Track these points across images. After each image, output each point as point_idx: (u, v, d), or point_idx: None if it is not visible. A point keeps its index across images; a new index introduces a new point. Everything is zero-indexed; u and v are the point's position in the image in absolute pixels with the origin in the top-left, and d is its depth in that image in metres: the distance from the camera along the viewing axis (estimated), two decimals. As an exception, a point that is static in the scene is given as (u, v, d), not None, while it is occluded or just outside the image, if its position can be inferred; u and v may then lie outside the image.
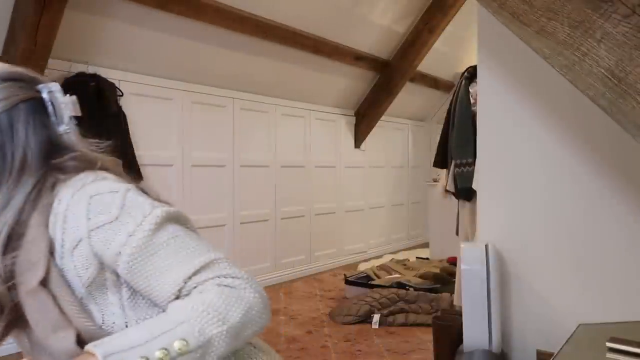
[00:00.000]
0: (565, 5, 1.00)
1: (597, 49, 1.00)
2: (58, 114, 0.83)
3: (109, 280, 0.75)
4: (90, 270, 0.74)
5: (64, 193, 0.76)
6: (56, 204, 0.75)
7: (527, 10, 1.07)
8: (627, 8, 0.93)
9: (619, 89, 1.00)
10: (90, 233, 0.72)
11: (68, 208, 0.74)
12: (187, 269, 0.71)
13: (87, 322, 0.73)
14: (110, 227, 0.72)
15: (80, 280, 0.74)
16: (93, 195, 0.75)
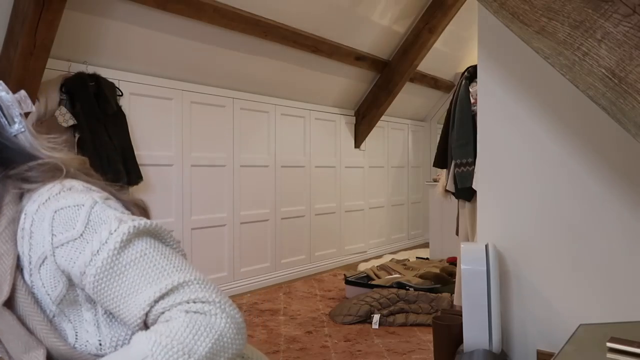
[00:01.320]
0: (566, 5, 1.00)
1: (598, 49, 0.99)
2: (6, 113, 0.77)
3: (81, 297, 0.72)
4: (59, 288, 0.70)
5: (30, 207, 0.72)
6: (22, 218, 0.72)
7: (527, 10, 1.07)
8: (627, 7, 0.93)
9: (620, 89, 1.00)
10: (55, 250, 0.69)
11: (33, 223, 0.71)
12: (153, 292, 0.66)
13: (58, 341, 0.70)
14: (74, 245, 0.68)
15: (49, 298, 0.71)
16: (57, 209, 0.70)
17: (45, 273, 0.70)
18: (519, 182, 1.93)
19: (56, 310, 0.72)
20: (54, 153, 0.81)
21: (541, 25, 1.05)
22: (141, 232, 0.70)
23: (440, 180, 3.47)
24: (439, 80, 6.19)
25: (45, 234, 0.69)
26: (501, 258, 1.92)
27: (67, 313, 0.72)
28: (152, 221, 0.73)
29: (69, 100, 2.92)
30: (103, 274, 0.67)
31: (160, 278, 0.67)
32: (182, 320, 0.64)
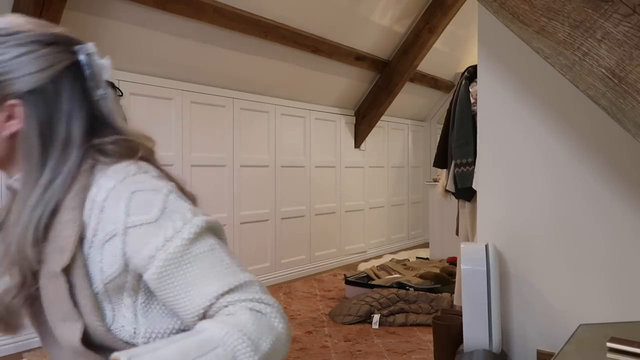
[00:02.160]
0: (566, 5, 1.00)
1: (598, 49, 0.99)
2: (96, 77, 0.77)
3: (129, 283, 0.72)
4: (114, 268, 0.70)
5: (105, 182, 0.72)
6: (95, 189, 0.72)
7: (527, 10, 1.07)
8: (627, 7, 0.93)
9: (620, 89, 1.00)
10: (127, 230, 0.69)
11: (107, 199, 0.71)
12: (221, 286, 0.67)
13: (97, 320, 0.70)
14: (147, 228, 0.69)
15: (101, 275, 0.71)
16: (135, 191, 0.71)
17: (108, 250, 0.70)
18: (519, 182, 1.93)
19: (102, 289, 0.71)
20: (126, 127, 0.82)
21: (541, 25, 1.06)
22: (210, 227, 0.72)
23: (440, 180, 3.47)
24: (439, 80, 6.19)
25: (119, 212, 0.70)
26: (501, 258, 1.92)
27: (110, 294, 0.72)
28: (217, 220, 0.76)
29: (69, 100, 2.92)
30: (172, 261, 0.68)
31: (227, 274, 0.69)
32: (249, 316, 0.65)
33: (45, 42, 0.73)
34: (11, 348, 2.80)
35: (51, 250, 0.70)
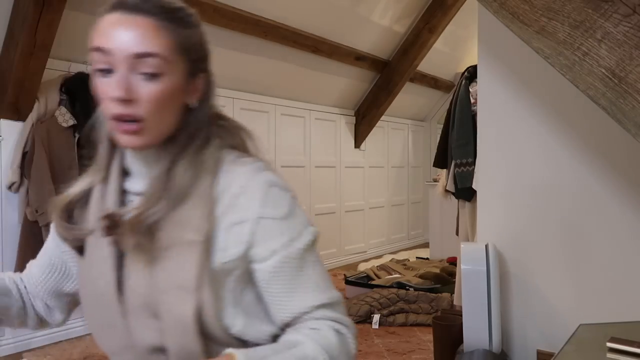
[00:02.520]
0: (566, 5, 1.00)
1: (598, 49, 0.99)
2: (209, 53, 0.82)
3: (236, 272, 0.74)
4: (235, 251, 0.73)
5: (240, 169, 0.77)
6: (230, 175, 0.76)
7: (527, 10, 1.07)
8: (627, 7, 0.93)
9: (619, 89, 1.00)
10: (259, 220, 0.73)
11: (245, 186, 0.75)
12: (319, 299, 0.73)
13: (209, 299, 0.71)
14: (277, 224, 0.73)
15: (221, 255, 0.73)
16: (272, 185, 0.76)
17: (236, 233, 0.73)
18: (519, 182, 1.93)
19: (217, 269, 0.73)
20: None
21: (541, 25, 1.06)
22: (317, 240, 0.79)
23: (440, 180, 3.47)
24: (439, 80, 6.19)
25: (254, 201, 0.74)
26: (501, 258, 1.92)
27: (218, 277, 0.73)
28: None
29: (69, 100, 2.92)
30: (290, 262, 0.73)
31: (325, 288, 0.75)
32: (334, 337, 0.72)
33: (199, 24, 0.81)
34: (11, 348, 2.80)
35: (188, 218, 0.73)
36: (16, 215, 2.81)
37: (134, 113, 0.71)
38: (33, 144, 2.74)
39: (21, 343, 2.85)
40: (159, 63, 0.72)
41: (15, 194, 2.81)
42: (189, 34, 0.76)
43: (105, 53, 0.71)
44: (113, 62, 0.71)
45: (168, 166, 0.75)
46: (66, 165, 2.86)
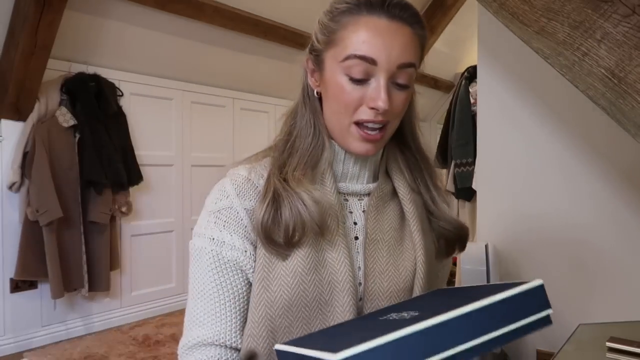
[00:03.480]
0: (565, 5, 1.00)
1: (597, 49, 1.00)
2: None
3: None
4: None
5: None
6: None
7: (527, 10, 1.07)
8: (627, 8, 0.93)
9: (619, 89, 1.00)
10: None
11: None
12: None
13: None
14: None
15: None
16: None
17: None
18: (518, 182, 1.93)
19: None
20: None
21: (541, 26, 1.06)
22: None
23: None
24: (439, 80, 6.19)
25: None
26: (501, 258, 1.92)
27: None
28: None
29: (70, 100, 2.92)
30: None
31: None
32: None
33: None
34: (12, 348, 2.80)
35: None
36: (17, 215, 2.81)
37: (383, 121, 0.73)
38: (34, 144, 2.74)
39: (22, 343, 2.85)
40: (413, 74, 0.74)
41: (16, 194, 2.81)
42: (426, 36, 0.78)
43: (368, 62, 0.70)
44: (374, 71, 0.71)
45: (385, 169, 0.84)
46: (66, 165, 2.86)
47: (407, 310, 0.57)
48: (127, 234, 3.36)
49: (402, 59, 0.71)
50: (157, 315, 3.54)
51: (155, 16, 3.13)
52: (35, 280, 2.87)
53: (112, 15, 2.98)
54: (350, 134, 0.75)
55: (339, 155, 0.80)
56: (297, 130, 0.84)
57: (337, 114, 0.75)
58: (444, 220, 0.84)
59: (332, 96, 0.76)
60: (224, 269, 0.74)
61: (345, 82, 0.72)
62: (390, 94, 0.72)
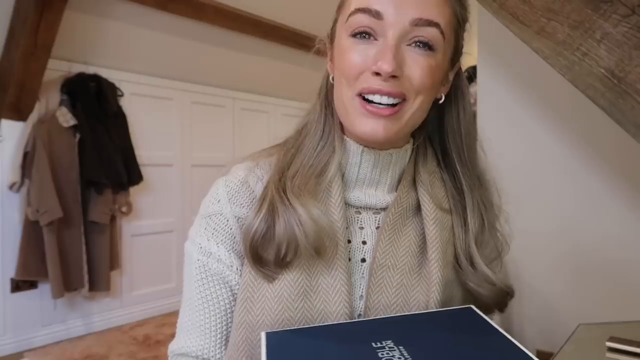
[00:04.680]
0: (565, 5, 1.00)
1: (597, 49, 1.00)
2: None
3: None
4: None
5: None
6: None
7: (526, 10, 1.07)
8: (626, 8, 0.94)
9: (619, 89, 1.00)
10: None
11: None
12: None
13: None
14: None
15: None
16: None
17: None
18: (518, 182, 1.93)
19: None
20: None
21: (541, 26, 1.06)
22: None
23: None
24: (439, 80, 6.19)
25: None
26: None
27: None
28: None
29: (70, 100, 2.93)
30: None
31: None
32: None
33: None
34: (12, 347, 2.80)
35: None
36: (17, 215, 2.81)
37: (395, 91, 0.58)
38: (34, 144, 2.74)
39: (22, 342, 2.85)
40: (437, 36, 0.59)
41: (16, 194, 2.81)
42: (466, 7, 0.65)
43: (372, 15, 0.58)
44: (379, 28, 0.58)
45: (412, 178, 0.67)
46: (67, 165, 2.86)
47: (401, 346, 0.52)
48: (127, 234, 3.36)
49: (417, 13, 0.57)
50: (158, 315, 3.54)
51: (155, 16, 3.13)
52: (36, 280, 2.88)
53: (112, 15, 2.98)
54: (354, 109, 0.60)
55: (354, 157, 0.66)
56: (307, 127, 0.72)
57: (340, 86, 0.62)
58: (475, 282, 0.67)
59: (337, 68, 0.64)
60: (210, 281, 0.66)
61: (348, 44, 0.60)
62: (403, 57, 0.58)
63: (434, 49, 0.59)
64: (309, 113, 0.74)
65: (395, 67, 0.56)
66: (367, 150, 0.65)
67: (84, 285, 2.93)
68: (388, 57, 0.56)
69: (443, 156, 0.71)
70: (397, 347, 0.51)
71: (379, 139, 0.60)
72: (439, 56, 0.60)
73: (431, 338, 0.53)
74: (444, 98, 0.68)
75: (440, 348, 0.52)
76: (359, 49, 0.59)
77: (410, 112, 0.60)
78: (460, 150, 0.71)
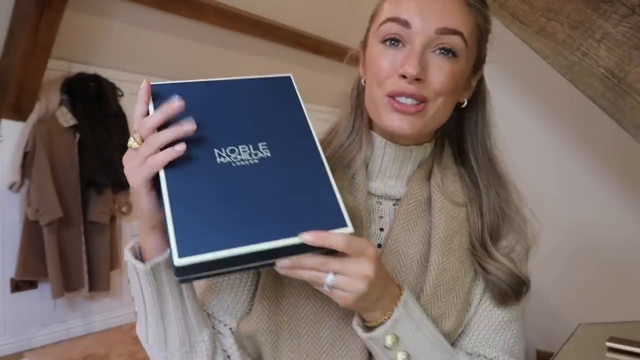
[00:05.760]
0: (565, 5, 1.00)
1: (597, 49, 1.00)
2: None
3: None
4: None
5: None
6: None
7: (527, 10, 1.07)
8: (626, 8, 0.94)
9: (619, 89, 1.00)
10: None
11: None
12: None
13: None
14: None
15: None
16: None
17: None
18: (518, 182, 1.93)
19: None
20: None
21: (541, 26, 1.06)
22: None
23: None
24: (439, 80, 6.20)
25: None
26: (501, 258, 1.92)
27: None
28: None
29: (70, 100, 2.92)
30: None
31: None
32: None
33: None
34: (12, 347, 2.80)
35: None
36: (17, 215, 2.81)
37: (419, 93, 0.64)
38: (34, 144, 2.74)
39: (22, 342, 2.85)
40: (459, 44, 0.65)
41: (16, 194, 2.81)
42: (488, 19, 0.71)
43: (401, 24, 0.64)
44: (407, 36, 0.65)
45: (427, 172, 0.72)
46: (67, 165, 2.86)
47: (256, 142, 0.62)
48: (127, 234, 3.36)
49: (442, 22, 0.63)
50: (157, 315, 3.54)
51: (155, 16, 3.13)
52: (36, 280, 2.87)
53: (112, 15, 2.98)
54: (384, 107, 0.66)
55: (378, 150, 0.73)
56: (337, 126, 0.80)
57: (371, 88, 0.69)
58: (492, 266, 0.71)
59: (369, 72, 0.70)
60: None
61: (379, 50, 0.67)
62: (426, 62, 0.64)
63: (456, 55, 0.65)
64: (341, 114, 0.83)
65: (419, 70, 0.62)
66: (390, 143, 0.72)
67: (84, 285, 2.93)
68: (413, 61, 0.62)
69: (461, 155, 0.77)
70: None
71: (404, 133, 0.66)
72: (461, 62, 0.66)
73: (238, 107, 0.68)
74: (466, 102, 0.74)
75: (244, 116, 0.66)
76: (388, 54, 0.66)
77: (433, 111, 0.66)
78: (476, 152, 0.77)
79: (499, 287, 0.72)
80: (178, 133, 0.56)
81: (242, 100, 0.69)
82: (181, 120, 0.57)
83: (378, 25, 0.68)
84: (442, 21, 0.64)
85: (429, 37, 0.64)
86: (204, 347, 0.65)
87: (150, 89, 0.61)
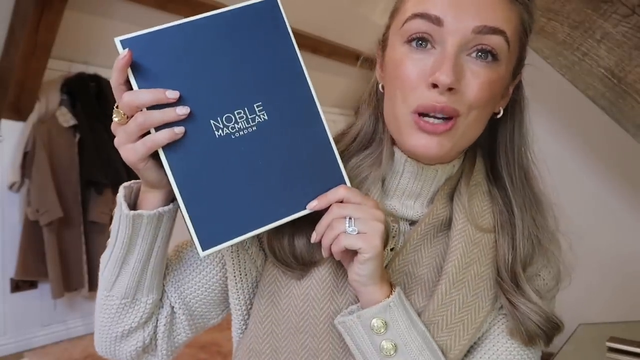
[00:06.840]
0: (565, 5, 1.00)
1: (597, 49, 1.00)
2: None
3: None
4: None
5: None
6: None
7: (526, 10, 1.07)
8: (626, 8, 0.94)
9: (619, 89, 1.00)
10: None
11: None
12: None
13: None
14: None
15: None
16: None
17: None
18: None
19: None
20: None
21: (541, 26, 1.06)
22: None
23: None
24: (439, 80, 6.20)
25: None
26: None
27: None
28: None
29: (70, 100, 2.93)
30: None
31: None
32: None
33: None
34: (12, 347, 2.80)
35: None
36: (17, 215, 2.81)
37: (451, 106, 0.54)
38: (34, 144, 2.74)
39: (22, 343, 2.85)
40: (502, 45, 0.54)
41: (16, 194, 2.81)
42: (533, 15, 0.60)
43: (431, 21, 0.54)
44: (438, 35, 0.54)
45: (451, 191, 0.63)
46: (67, 165, 2.86)
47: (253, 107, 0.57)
48: (127, 234, 3.36)
49: (480, 19, 0.52)
50: (157, 315, 3.54)
51: (155, 16, 3.13)
52: (36, 280, 2.88)
53: (112, 15, 2.98)
54: (407, 124, 0.56)
55: (397, 166, 0.63)
56: (353, 132, 0.68)
57: (393, 99, 0.58)
58: (521, 302, 0.62)
59: (390, 78, 0.59)
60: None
61: (403, 52, 0.56)
62: (462, 68, 0.54)
63: (498, 58, 0.55)
64: (356, 120, 0.70)
65: (453, 79, 0.52)
66: (410, 161, 0.62)
67: (84, 285, 2.93)
68: (447, 67, 0.52)
69: (493, 171, 0.67)
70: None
71: (430, 156, 0.57)
72: (501, 68, 0.57)
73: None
74: (502, 112, 0.65)
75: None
76: (415, 58, 0.55)
77: (464, 127, 0.57)
78: (511, 168, 0.67)
79: (527, 326, 0.64)
80: (170, 118, 0.51)
81: (225, 46, 0.59)
82: (174, 106, 0.52)
83: (402, 23, 0.57)
84: (480, 18, 0.53)
85: (465, 37, 0.53)
86: (143, 308, 0.63)
87: (130, 58, 0.50)
